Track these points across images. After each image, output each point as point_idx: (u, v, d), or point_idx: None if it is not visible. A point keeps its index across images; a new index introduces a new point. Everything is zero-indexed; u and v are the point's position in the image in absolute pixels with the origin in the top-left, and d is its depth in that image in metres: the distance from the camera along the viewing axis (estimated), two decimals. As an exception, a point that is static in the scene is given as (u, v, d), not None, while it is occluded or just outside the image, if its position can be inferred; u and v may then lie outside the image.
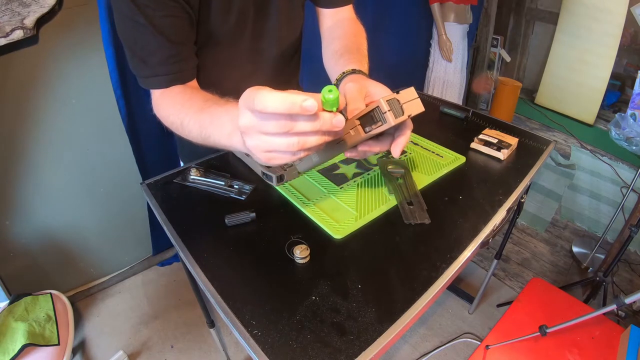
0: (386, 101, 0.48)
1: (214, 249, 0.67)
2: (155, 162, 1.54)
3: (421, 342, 1.50)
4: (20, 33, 1.08)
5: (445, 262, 0.65)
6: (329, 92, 0.41)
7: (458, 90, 2.49)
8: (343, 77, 0.68)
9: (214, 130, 0.55)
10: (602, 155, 2.86)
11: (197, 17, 0.67)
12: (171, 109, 0.63)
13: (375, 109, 0.49)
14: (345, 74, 0.68)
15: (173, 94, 0.65)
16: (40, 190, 1.37)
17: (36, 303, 1.26)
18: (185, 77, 0.66)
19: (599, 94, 3.10)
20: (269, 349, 0.50)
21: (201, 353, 1.46)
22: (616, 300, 0.87)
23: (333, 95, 0.41)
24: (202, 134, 0.57)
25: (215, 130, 0.55)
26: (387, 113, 0.48)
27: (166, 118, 0.65)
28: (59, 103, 1.29)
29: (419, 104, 0.52)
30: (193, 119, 0.59)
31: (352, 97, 0.54)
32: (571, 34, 3.18)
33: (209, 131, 0.56)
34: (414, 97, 0.51)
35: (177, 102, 0.63)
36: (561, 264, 1.89)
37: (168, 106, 0.64)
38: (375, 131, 0.50)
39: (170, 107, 0.64)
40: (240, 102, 0.44)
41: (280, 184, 0.83)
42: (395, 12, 2.20)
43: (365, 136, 0.51)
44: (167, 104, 0.64)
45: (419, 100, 0.52)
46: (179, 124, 0.61)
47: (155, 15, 0.60)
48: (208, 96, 0.61)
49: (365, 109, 0.50)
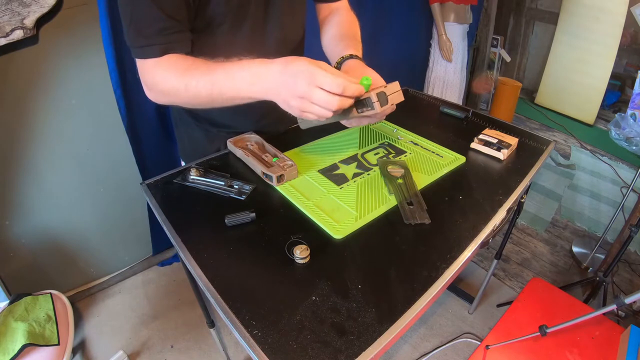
0: (376, 94, 0.64)
1: (214, 249, 0.67)
2: (155, 162, 1.54)
3: (421, 342, 1.50)
4: (20, 33, 1.08)
5: (445, 262, 0.65)
6: (366, 79, 0.64)
7: (458, 90, 2.49)
8: (342, 61, 0.79)
9: (232, 83, 0.63)
10: (602, 155, 2.87)
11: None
12: (171, 75, 0.66)
13: (367, 97, 0.65)
14: (345, 58, 0.79)
15: (172, 60, 0.67)
16: (40, 190, 1.37)
17: (36, 303, 1.26)
18: (181, 48, 0.68)
19: (599, 94, 3.10)
20: (269, 349, 0.50)
21: (201, 353, 1.46)
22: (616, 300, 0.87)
23: (367, 82, 0.64)
24: (215, 90, 0.64)
25: (234, 83, 0.63)
26: (375, 103, 0.65)
27: (163, 84, 0.67)
28: (59, 103, 1.29)
29: (401, 95, 0.69)
30: (202, 79, 0.64)
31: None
32: (571, 34, 3.18)
33: (225, 86, 0.64)
34: (397, 89, 0.68)
35: (179, 67, 0.66)
36: (561, 264, 1.89)
37: (167, 72, 0.66)
38: (366, 114, 0.68)
39: (170, 73, 0.66)
40: (297, 69, 0.57)
41: (280, 184, 0.83)
42: (395, 12, 2.20)
43: (358, 115, 0.69)
44: (165, 70, 0.67)
45: (401, 92, 0.69)
46: (183, 87, 0.66)
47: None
48: (211, 61, 0.67)
49: (364, 93, 0.65)
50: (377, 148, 1.00)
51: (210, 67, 0.65)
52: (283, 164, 0.85)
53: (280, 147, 0.91)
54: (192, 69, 0.66)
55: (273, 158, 0.87)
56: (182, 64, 0.66)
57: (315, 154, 0.96)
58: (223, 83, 0.64)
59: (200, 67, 0.66)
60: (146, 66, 0.68)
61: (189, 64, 0.66)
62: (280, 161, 0.86)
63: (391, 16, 2.19)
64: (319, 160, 0.93)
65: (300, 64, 0.58)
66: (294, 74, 0.58)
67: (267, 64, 0.62)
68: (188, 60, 0.67)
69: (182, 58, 0.68)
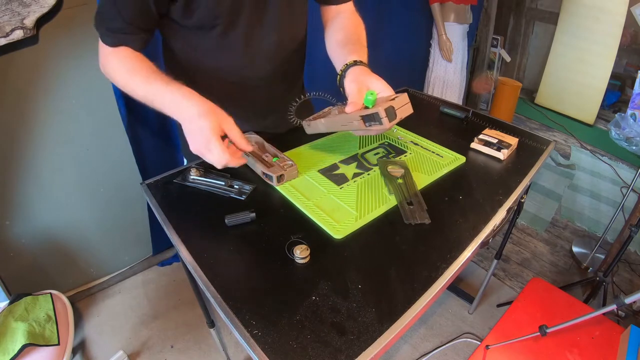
0: (384, 109, 0.64)
1: (214, 249, 0.67)
2: (155, 162, 1.54)
3: (421, 342, 1.50)
4: (20, 33, 1.08)
5: (445, 262, 0.65)
6: (370, 94, 0.66)
7: (458, 90, 2.49)
8: (347, 68, 0.77)
9: (160, 100, 0.70)
10: (602, 155, 2.87)
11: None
12: (118, 69, 0.74)
13: (375, 113, 0.65)
14: (349, 65, 0.77)
15: (123, 55, 0.73)
16: (40, 190, 1.37)
17: (36, 303, 1.26)
18: (132, 46, 0.74)
19: (599, 94, 3.10)
20: (269, 349, 0.50)
21: (201, 353, 1.46)
22: (616, 300, 0.86)
23: (372, 97, 0.66)
24: (147, 98, 0.72)
25: (161, 101, 0.70)
26: (384, 118, 0.65)
27: (111, 71, 0.75)
28: (59, 103, 1.29)
29: (409, 107, 0.69)
30: (140, 85, 0.72)
31: (353, 96, 0.72)
32: (571, 34, 3.18)
33: (155, 100, 0.71)
34: (406, 102, 0.68)
35: (126, 64, 0.73)
36: (561, 264, 1.89)
37: (115, 64, 0.74)
38: (374, 127, 0.68)
39: (118, 67, 0.73)
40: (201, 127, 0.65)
41: (280, 184, 0.83)
42: (395, 12, 2.20)
43: (365, 128, 0.70)
44: (115, 61, 0.74)
45: (410, 105, 0.69)
46: (123, 83, 0.74)
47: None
48: (152, 69, 0.73)
49: (369, 110, 0.67)
50: (377, 148, 1.00)
51: (150, 78, 0.71)
52: (283, 163, 0.85)
53: (280, 147, 0.91)
54: (135, 72, 0.72)
55: (273, 158, 0.87)
56: (129, 64, 0.73)
57: (315, 154, 0.96)
58: (153, 97, 0.71)
59: (142, 72, 0.72)
60: (102, 48, 0.74)
61: (135, 65, 0.72)
62: (281, 161, 0.86)
63: (391, 16, 2.19)
64: (319, 160, 0.93)
65: (204, 125, 0.65)
66: (198, 128, 0.66)
67: (188, 101, 0.67)
68: (136, 62, 0.73)
69: (132, 56, 0.74)
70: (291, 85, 1.02)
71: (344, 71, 0.77)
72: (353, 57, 0.79)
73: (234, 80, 0.89)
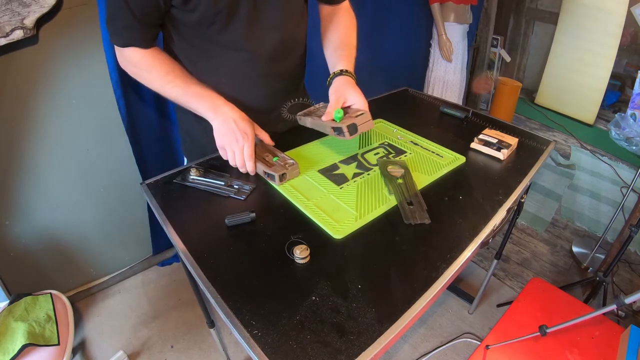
0: (347, 126, 0.79)
1: (214, 249, 0.67)
2: (155, 162, 1.54)
3: (421, 342, 1.50)
4: (20, 33, 1.08)
5: (445, 262, 0.65)
6: (338, 112, 0.82)
7: (458, 90, 2.49)
8: (334, 77, 0.90)
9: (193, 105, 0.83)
10: (602, 155, 2.87)
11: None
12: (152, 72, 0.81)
13: (340, 127, 0.80)
14: (335, 74, 0.89)
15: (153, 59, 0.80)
16: (40, 190, 1.37)
17: (36, 303, 1.26)
18: (141, 45, 0.79)
19: (599, 94, 3.10)
20: (269, 349, 0.50)
21: (201, 353, 1.46)
22: (616, 300, 0.86)
23: (340, 115, 0.82)
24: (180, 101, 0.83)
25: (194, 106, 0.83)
26: (346, 132, 0.79)
27: (144, 76, 0.82)
28: (59, 103, 1.29)
29: (371, 124, 0.82)
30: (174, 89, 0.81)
31: (329, 107, 0.85)
32: (571, 34, 3.18)
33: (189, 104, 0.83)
34: (368, 119, 0.81)
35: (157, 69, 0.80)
36: (561, 264, 1.89)
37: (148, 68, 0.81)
38: (340, 137, 0.82)
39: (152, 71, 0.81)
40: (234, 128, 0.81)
41: (282, 183, 0.83)
42: (395, 12, 2.20)
43: (335, 135, 0.83)
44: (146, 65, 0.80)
45: (372, 121, 0.82)
46: (157, 87, 0.82)
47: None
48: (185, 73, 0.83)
49: (337, 124, 0.81)
50: (377, 148, 1.00)
51: (187, 82, 0.82)
52: (284, 162, 0.85)
53: (280, 147, 0.91)
54: (171, 76, 0.81)
55: (273, 158, 0.87)
56: (164, 68, 0.81)
57: (315, 154, 0.96)
58: (188, 100, 0.83)
59: (179, 78, 0.81)
60: (121, 50, 0.80)
61: (169, 69, 0.81)
62: (282, 160, 0.86)
63: (391, 16, 2.19)
64: (319, 160, 0.93)
65: (244, 126, 0.82)
66: (232, 129, 0.81)
67: (226, 106, 0.82)
68: (169, 65, 0.82)
69: (164, 60, 0.81)
70: (292, 83, 1.02)
71: (331, 79, 0.90)
72: (340, 65, 0.90)
73: (235, 77, 0.89)
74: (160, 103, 1.45)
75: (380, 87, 1.42)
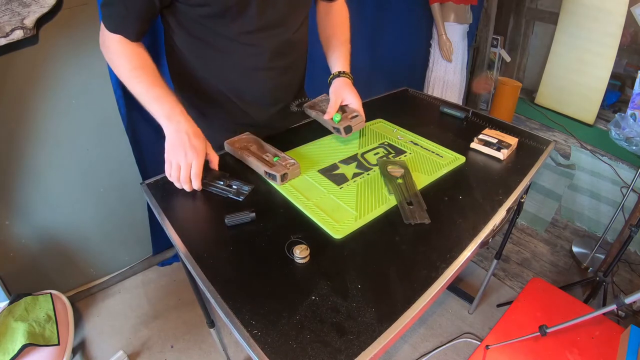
0: (343, 128, 0.90)
1: (214, 249, 0.67)
2: (155, 162, 1.54)
3: (421, 342, 1.50)
4: (20, 33, 1.08)
5: (445, 262, 0.65)
6: (337, 116, 0.93)
7: (458, 90, 2.49)
8: (333, 78, 0.98)
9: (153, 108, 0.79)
10: (602, 155, 2.87)
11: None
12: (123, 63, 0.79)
13: (338, 127, 0.91)
14: (335, 76, 0.98)
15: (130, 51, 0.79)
16: (40, 190, 1.37)
17: (36, 303, 1.26)
18: (129, 37, 0.79)
19: (599, 94, 3.10)
20: (269, 349, 0.50)
21: (201, 353, 1.46)
22: (616, 300, 0.86)
23: (338, 118, 0.92)
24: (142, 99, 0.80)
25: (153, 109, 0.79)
26: (342, 131, 0.91)
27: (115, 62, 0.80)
28: (59, 103, 1.29)
29: (363, 124, 0.95)
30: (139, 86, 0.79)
31: (330, 107, 0.93)
32: (571, 34, 3.18)
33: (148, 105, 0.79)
34: (361, 121, 0.94)
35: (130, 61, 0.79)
36: (561, 264, 1.89)
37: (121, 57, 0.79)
38: (337, 133, 0.94)
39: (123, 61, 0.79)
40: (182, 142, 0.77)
41: (283, 183, 0.83)
42: (395, 12, 2.20)
43: (334, 133, 0.96)
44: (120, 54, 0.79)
45: (364, 122, 0.95)
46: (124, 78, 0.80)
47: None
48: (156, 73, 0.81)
49: (335, 124, 0.92)
50: (377, 148, 1.00)
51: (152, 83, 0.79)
52: (285, 162, 0.85)
53: (280, 147, 0.91)
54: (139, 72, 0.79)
55: (274, 157, 0.87)
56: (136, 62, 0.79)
57: (315, 153, 0.96)
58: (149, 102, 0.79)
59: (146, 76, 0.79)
60: (106, 32, 0.78)
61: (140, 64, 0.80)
62: (282, 160, 0.86)
63: (391, 16, 2.19)
64: (319, 160, 0.93)
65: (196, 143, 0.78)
66: (183, 143, 0.77)
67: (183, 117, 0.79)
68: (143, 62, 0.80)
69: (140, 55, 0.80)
70: (294, 77, 1.03)
71: (331, 80, 0.99)
72: (338, 66, 0.99)
73: (239, 69, 0.91)
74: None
75: (380, 87, 1.42)
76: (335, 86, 0.96)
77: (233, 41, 0.84)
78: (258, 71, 0.92)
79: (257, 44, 0.86)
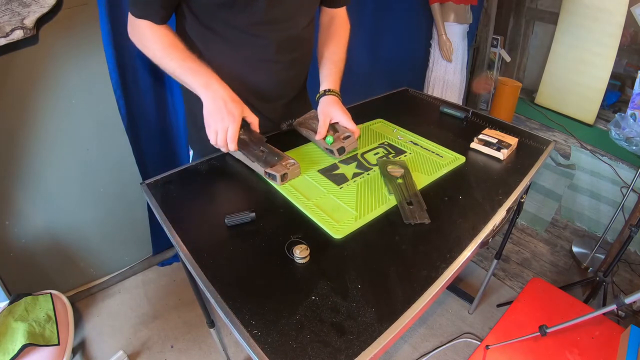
0: (337, 149, 0.91)
1: (214, 249, 0.67)
2: (155, 162, 1.54)
3: (421, 342, 1.50)
4: (20, 33, 1.08)
5: (445, 262, 0.65)
6: (329, 138, 0.93)
7: (458, 90, 2.49)
8: (320, 97, 0.98)
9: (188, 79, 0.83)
10: (602, 155, 2.86)
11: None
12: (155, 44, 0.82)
13: (331, 149, 0.92)
14: (321, 95, 0.98)
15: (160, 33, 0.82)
16: (40, 190, 1.37)
17: (36, 303, 1.26)
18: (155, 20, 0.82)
19: (599, 94, 3.10)
20: (269, 349, 0.50)
21: (201, 353, 1.46)
22: (616, 300, 0.86)
23: (331, 140, 0.93)
24: (176, 74, 0.83)
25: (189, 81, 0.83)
26: (335, 153, 0.92)
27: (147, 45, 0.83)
28: (59, 103, 1.29)
29: (356, 145, 0.96)
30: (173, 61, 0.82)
31: (319, 127, 0.94)
32: (571, 34, 3.18)
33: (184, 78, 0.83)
34: (354, 141, 0.94)
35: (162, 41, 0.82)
36: (561, 264, 1.89)
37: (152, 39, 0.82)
38: (331, 155, 0.95)
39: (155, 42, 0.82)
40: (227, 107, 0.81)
41: (283, 183, 0.83)
42: (395, 12, 2.20)
43: (327, 153, 0.96)
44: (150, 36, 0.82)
45: (356, 143, 0.96)
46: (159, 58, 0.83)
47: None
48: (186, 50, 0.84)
49: (329, 145, 0.93)
50: (377, 148, 1.00)
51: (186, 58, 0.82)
52: (285, 162, 0.85)
53: (280, 147, 0.91)
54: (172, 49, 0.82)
55: (275, 157, 0.87)
56: (167, 41, 0.82)
57: (315, 154, 0.96)
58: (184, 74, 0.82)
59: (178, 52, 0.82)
60: (134, 19, 0.82)
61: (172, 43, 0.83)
62: (283, 160, 0.86)
63: (391, 16, 2.18)
64: (319, 160, 0.93)
65: (233, 107, 0.81)
66: (220, 109, 0.81)
67: (219, 84, 0.82)
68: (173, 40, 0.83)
69: (170, 35, 0.83)
70: (298, 73, 1.04)
71: (318, 98, 0.99)
72: (325, 84, 0.98)
73: (246, 60, 0.91)
74: (160, 103, 1.45)
75: (380, 87, 1.43)
76: (322, 105, 0.96)
77: (242, 32, 0.85)
78: (264, 63, 0.92)
79: (264, 36, 0.87)
